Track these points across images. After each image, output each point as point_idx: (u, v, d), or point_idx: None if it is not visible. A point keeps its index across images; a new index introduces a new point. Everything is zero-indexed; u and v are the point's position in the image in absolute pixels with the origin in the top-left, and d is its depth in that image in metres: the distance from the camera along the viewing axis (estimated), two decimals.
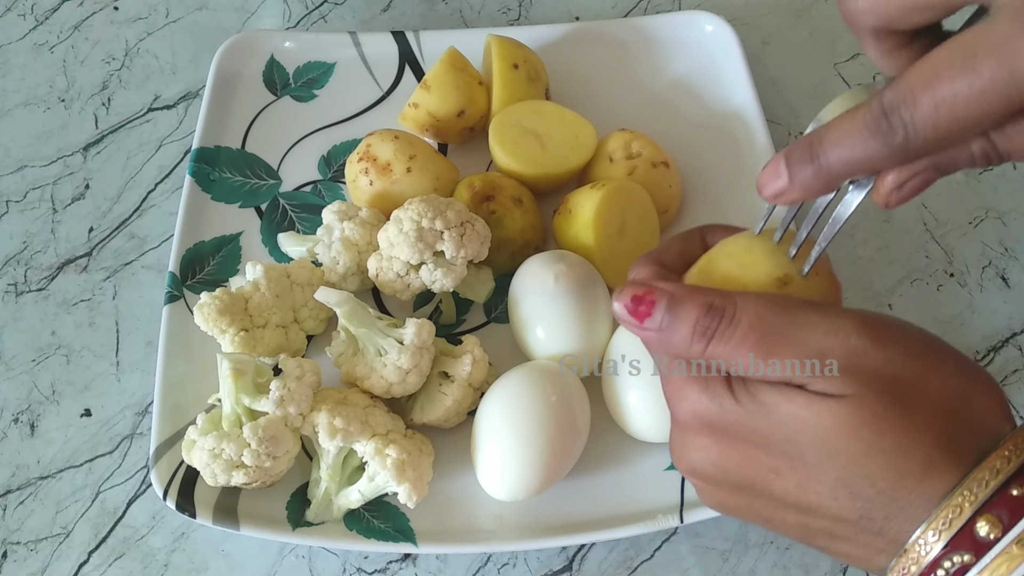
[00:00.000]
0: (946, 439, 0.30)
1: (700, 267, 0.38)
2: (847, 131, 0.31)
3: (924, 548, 0.30)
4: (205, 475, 0.50)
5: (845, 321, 0.32)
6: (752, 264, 0.36)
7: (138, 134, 0.70)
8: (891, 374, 0.31)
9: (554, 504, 0.52)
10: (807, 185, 0.33)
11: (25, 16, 0.77)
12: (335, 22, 0.76)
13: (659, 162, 0.61)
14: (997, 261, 0.63)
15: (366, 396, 0.53)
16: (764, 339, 0.32)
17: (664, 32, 0.71)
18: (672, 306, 0.34)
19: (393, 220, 0.55)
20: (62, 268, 0.64)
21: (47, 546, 0.55)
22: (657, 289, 0.34)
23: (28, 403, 0.59)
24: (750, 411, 0.33)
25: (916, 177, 0.32)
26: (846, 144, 0.31)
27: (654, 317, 0.34)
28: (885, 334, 0.32)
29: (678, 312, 0.34)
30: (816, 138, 0.32)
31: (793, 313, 0.32)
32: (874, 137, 0.30)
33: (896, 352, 0.31)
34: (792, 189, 0.34)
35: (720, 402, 0.33)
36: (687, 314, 0.33)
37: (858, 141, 0.30)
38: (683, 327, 0.33)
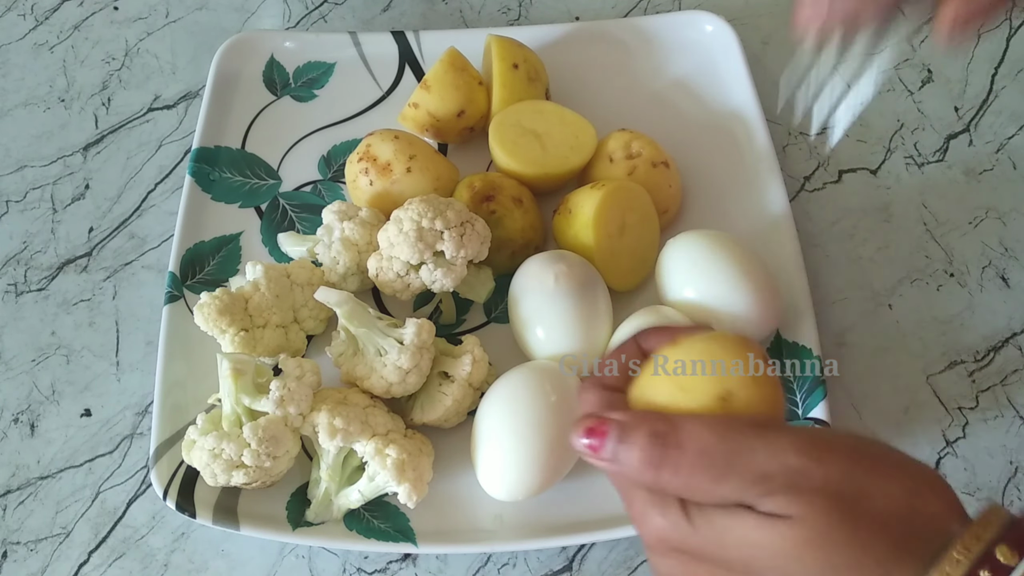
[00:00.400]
0: (896, 548, 0.31)
1: (642, 390, 0.38)
2: None
3: None
4: (205, 475, 0.50)
5: (784, 442, 0.32)
6: (691, 387, 0.36)
7: (138, 134, 0.70)
8: (834, 491, 0.31)
9: (554, 504, 0.52)
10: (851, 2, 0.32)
11: (25, 16, 0.77)
12: (335, 22, 0.76)
13: (659, 162, 0.61)
14: (997, 261, 0.63)
15: (366, 396, 0.53)
16: (711, 467, 0.32)
17: (664, 32, 0.71)
18: (622, 436, 0.34)
19: (393, 220, 0.55)
20: (62, 268, 0.64)
21: (47, 546, 0.55)
22: (607, 420, 0.35)
23: (28, 403, 0.59)
24: (706, 536, 0.33)
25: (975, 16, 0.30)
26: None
27: (605, 448, 0.35)
28: (824, 451, 0.32)
29: (627, 441, 0.34)
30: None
31: (735, 439, 0.33)
32: None
33: (837, 468, 0.32)
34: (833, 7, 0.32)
35: (677, 526, 0.34)
36: (634, 443, 0.34)
37: None
38: (632, 456, 0.34)
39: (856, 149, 0.68)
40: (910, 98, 0.71)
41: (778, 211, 0.61)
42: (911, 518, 0.31)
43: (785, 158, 0.68)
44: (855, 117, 0.33)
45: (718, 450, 0.32)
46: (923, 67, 0.72)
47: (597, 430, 0.35)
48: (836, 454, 0.32)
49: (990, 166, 0.68)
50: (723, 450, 0.32)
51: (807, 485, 0.31)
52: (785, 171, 0.64)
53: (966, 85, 0.71)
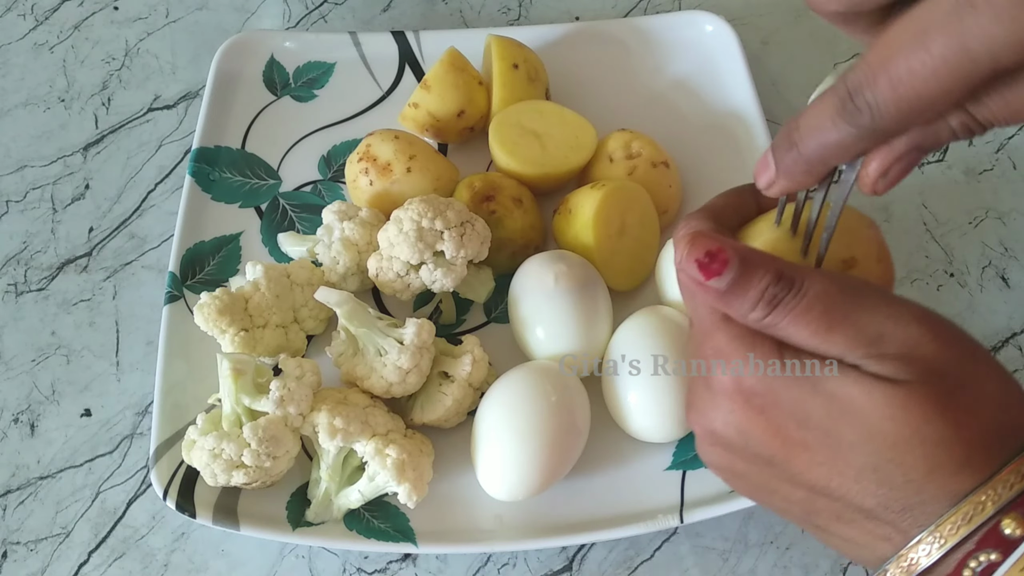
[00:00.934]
0: (984, 440, 0.31)
1: (756, 237, 0.37)
2: (818, 116, 0.30)
3: (938, 542, 0.30)
4: (205, 475, 0.50)
5: (907, 310, 0.32)
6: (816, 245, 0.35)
7: (138, 134, 0.70)
8: (944, 369, 0.31)
9: (554, 504, 0.52)
10: (791, 173, 0.33)
11: (25, 16, 0.77)
12: (335, 22, 0.76)
13: (659, 162, 0.61)
14: (997, 261, 0.63)
15: (366, 396, 0.53)
16: (826, 314, 0.32)
17: (664, 32, 0.71)
18: (744, 268, 0.33)
19: (393, 220, 0.55)
20: (62, 268, 0.64)
21: (47, 546, 0.55)
22: (729, 247, 0.33)
23: (28, 403, 0.59)
24: (793, 383, 0.32)
25: (899, 161, 0.31)
26: (819, 129, 0.30)
27: (723, 276, 0.33)
28: (942, 329, 0.32)
29: (749, 276, 0.33)
30: (794, 125, 0.32)
31: (858, 294, 0.32)
32: (843, 120, 0.29)
33: (951, 348, 0.32)
34: (779, 178, 0.33)
35: (764, 367, 0.33)
36: (758, 279, 0.32)
37: (829, 125, 0.30)
38: (751, 291, 0.32)
39: None
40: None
41: None
42: (1003, 417, 0.31)
43: None
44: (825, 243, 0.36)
45: (838, 301, 0.32)
46: None
47: (718, 256, 0.33)
48: (953, 336, 0.32)
49: (990, 166, 0.68)
50: (844, 301, 0.32)
51: (920, 355, 0.31)
52: None
53: None
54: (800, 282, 0.32)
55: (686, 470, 0.53)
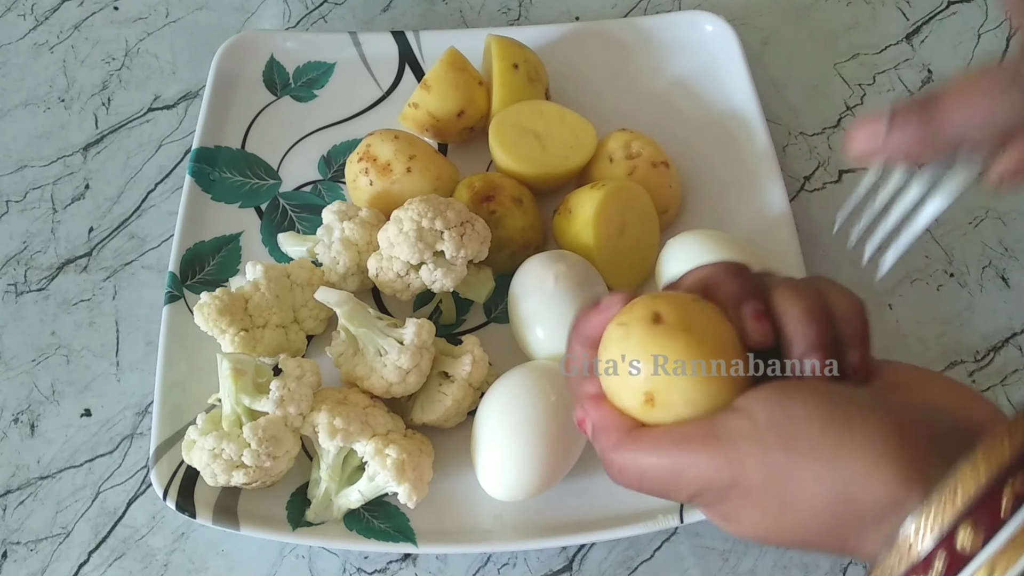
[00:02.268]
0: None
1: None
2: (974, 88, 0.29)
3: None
4: (205, 475, 0.50)
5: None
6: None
7: (138, 134, 0.70)
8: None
9: (554, 504, 0.52)
10: (909, 141, 0.31)
11: (25, 16, 0.77)
12: (335, 22, 0.76)
13: (659, 162, 0.61)
14: (997, 261, 0.63)
15: (366, 396, 0.53)
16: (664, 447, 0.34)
17: (664, 32, 0.71)
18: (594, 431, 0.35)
19: (393, 220, 0.55)
20: (62, 268, 0.64)
21: (47, 546, 0.55)
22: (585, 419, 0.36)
23: (28, 403, 0.59)
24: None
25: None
26: (972, 100, 0.29)
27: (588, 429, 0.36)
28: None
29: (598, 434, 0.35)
30: (932, 97, 0.30)
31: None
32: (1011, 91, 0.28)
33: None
34: (888, 143, 0.32)
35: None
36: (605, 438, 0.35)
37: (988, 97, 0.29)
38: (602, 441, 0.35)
39: None
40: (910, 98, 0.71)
41: (778, 211, 0.61)
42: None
43: (785, 158, 0.68)
44: (904, 250, 0.34)
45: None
46: (923, 67, 0.72)
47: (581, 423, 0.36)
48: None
49: None
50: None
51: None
52: (785, 171, 0.64)
53: None
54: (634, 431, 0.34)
55: None
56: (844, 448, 0.29)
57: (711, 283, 0.35)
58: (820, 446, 0.29)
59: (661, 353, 0.32)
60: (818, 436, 0.29)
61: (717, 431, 0.31)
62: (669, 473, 0.32)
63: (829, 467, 0.29)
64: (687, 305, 0.33)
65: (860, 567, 0.53)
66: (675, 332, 0.32)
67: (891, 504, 0.29)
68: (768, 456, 0.30)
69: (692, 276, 0.36)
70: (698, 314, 0.33)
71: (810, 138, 0.69)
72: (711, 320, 0.33)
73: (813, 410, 0.30)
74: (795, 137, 0.69)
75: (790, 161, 0.67)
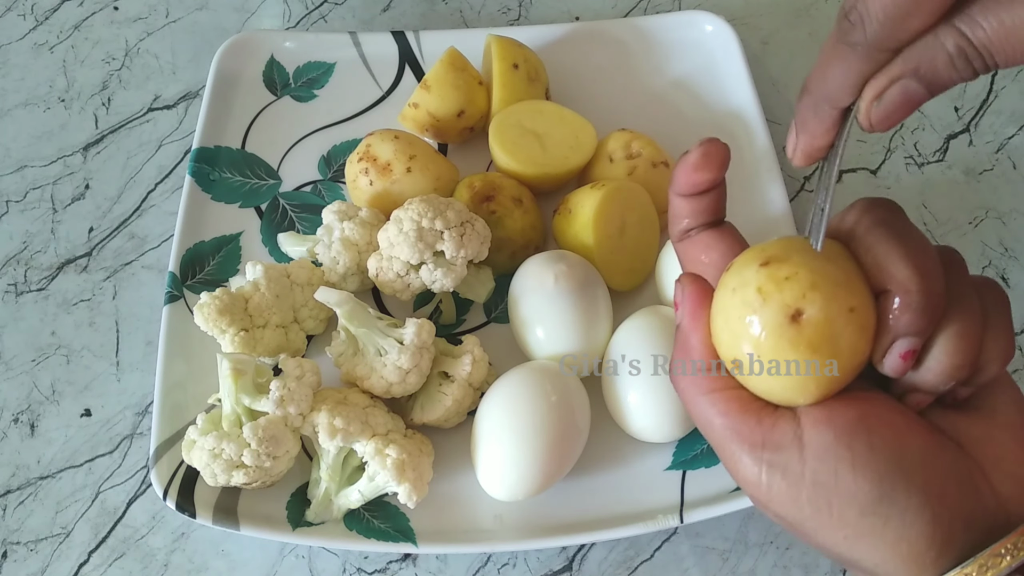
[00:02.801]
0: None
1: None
2: (824, 53, 0.30)
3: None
4: (205, 475, 0.50)
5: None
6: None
7: (138, 134, 0.70)
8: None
9: (554, 504, 0.52)
10: (804, 122, 0.32)
11: (25, 16, 0.77)
12: (335, 22, 0.76)
13: (659, 162, 0.61)
14: (997, 261, 0.63)
15: (366, 396, 0.53)
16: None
17: (664, 32, 0.71)
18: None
19: (393, 220, 0.55)
20: (62, 268, 0.64)
21: (47, 546, 0.55)
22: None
23: (28, 403, 0.59)
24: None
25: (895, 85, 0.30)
26: (824, 64, 0.30)
27: None
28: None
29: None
30: (807, 77, 0.31)
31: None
32: (840, 42, 0.29)
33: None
34: (798, 135, 0.32)
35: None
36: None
37: (832, 56, 0.30)
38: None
39: (856, 149, 0.68)
40: None
41: (778, 211, 0.61)
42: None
43: (785, 158, 0.67)
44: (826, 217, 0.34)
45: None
46: None
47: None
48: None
49: (990, 166, 0.68)
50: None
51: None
52: (785, 171, 0.64)
53: (966, 85, 0.71)
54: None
55: (686, 470, 0.53)
56: (871, 539, 0.30)
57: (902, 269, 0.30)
58: (849, 527, 0.30)
59: (781, 356, 0.29)
60: (852, 521, 0.30)
61: (766, 447, 0.31)
62: (716, 441, 0.32)
63: (848, 543, 0.30)
64: (837, 306, 0.29)
65: None
66: (808, 347, 0.29)
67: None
68: (799, 508, 0.30)
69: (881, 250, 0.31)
70: (844, 329, 0.29)
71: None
72: (853, 336, 0.29)
73: (863, 487, 0.29)
74: None
75: (790, 161, 0.67)
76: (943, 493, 0.30)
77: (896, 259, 0.30)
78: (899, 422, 0.31)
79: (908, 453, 0.30)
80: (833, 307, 0.29)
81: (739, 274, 0.31)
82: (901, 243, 0.30)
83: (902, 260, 0.30)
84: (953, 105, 0.70)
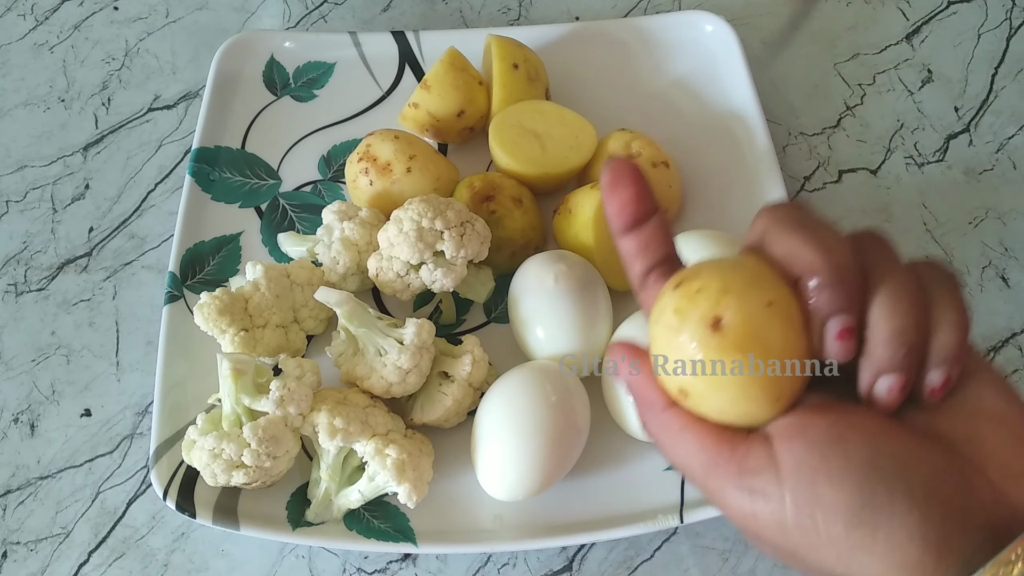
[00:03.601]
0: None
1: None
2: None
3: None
4: (205, 475, 0.50)
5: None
6: None
7: (138, 134, 0.70)
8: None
9: (554, 504, 0.52)
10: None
11: (25, 16, 0.77)
12: (335, 22, 0.76)
13: (659, 162, 0.61)
14: (997, 261, 0.63)
15: (366, 396, 0.53)
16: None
17: (664, 32, 0.71)
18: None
19: (393, 220, 0.55)
20: (62, 268, 0.64)
21: (47, 546, 0.55)
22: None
23: (28, 403, 0.59)
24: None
25: None
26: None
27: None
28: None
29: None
30: None
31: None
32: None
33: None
34: None
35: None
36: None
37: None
38: None
39: (856, 149, 0.68)
40: (910, 98, 0.71)
41: None
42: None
43: (785, 158, 0.68)
44: None
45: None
46: (923, 67, 0.72)
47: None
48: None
49: (990, 166, 0.68)
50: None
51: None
52: (785, 171, 0.64)
53: (966, 85, 0.71)
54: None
55: None
56: (863, 552, 0.29)
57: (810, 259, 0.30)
58: (839, 543, 0.29)
59: (713, 360, 0.29)
60: (840, 535, 0.29)
61: (744, 475, 0.30)
62: (700, 482, 0.32)
63: (842, 561, 0.29)
64: (753, 303, 0.29)
65: None
66: (736, 348, 0.29)
67: None
68: (786, 535, 0.30)
69: (785, 242, 0.31)
70: (766, 324, 0.29)
71: (810, 138, 0.69)
72: (779, 329, 0.29)
73: (843, 498, 0.28)
74: (795, 137, 0.69)
75: (790, 161, 0.68)
76: (930, 493, 0.29)
77: (799, 245, 0.30)
78: (874, 428, 0.30)
79: (886, 458, 0.29)
80: (749, 305, 0.29)
81: (658, 304, 0.32)
82: (803, 231, 0.30)
83: (805, 244, 0.30)
84: (953, 105, 0.70)
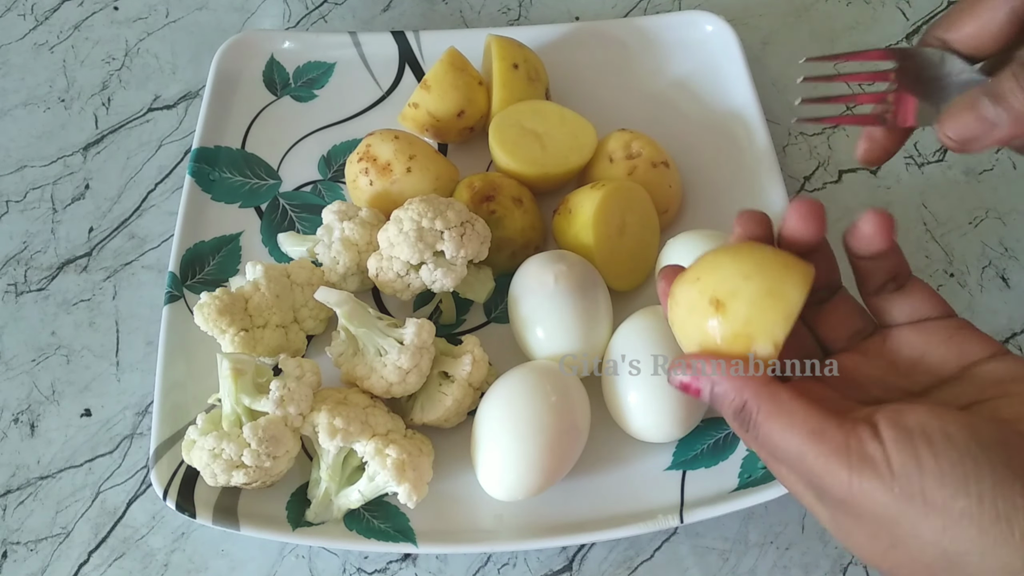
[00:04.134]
0: None
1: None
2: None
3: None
4: (205, 475, 0.50)
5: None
6: None
7: (138, 134, 0.70)
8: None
9: (554, 504, 0.52)
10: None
11: (25, 16, 0.77)
12: (335, 22, 0.76)
13: (659, 162, 0.61)
14: (997, 261, 0.63)
15: (366, 396, 0.53)
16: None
17: (664, 32, 0.71)
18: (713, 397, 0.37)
19: (393, 220, 0.55)
20: (62, 268, 0.64)
21: (47, 546, 0.55)
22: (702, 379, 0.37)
23: (28, 403, 0.59)
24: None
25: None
26: None
27: (703, 396, 0.37)
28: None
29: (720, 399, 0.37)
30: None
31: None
32: None
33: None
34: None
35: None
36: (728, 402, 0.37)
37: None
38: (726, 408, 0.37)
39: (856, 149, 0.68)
40: None
41: (778, 211, 0.61)
42: None
43: (785, 158, 0.68)
44: None
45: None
46: None
47: (690, 387, 0.37)
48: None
49: (990, 166, 0.68)
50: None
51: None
52: (785, 171, 0.64)
53: None
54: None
55: (686, 470, 0.53)
56: (971, 523, 0.30)
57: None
58: (944, 512, 0.30)
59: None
60: (946, 504, 0.30)
61: (850, 446, 0.31)
62: (793, 456, 0.33)
63: (948, 534, 0.30)
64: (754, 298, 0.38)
65: (860, 567, 0.53)
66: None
67: (1005, 573, 0.30)
68: (892, 502, 0.31)
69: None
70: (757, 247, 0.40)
71: (810, 138, 0.69)
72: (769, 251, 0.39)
73: (947, 470, 0.30)
74: (795, 137, 0.69)
75: (790, 161, 0.68)
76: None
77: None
78: (964, 417, 0.32)
79: (982, 436, 0.31)
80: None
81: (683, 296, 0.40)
82: None
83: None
84: None
